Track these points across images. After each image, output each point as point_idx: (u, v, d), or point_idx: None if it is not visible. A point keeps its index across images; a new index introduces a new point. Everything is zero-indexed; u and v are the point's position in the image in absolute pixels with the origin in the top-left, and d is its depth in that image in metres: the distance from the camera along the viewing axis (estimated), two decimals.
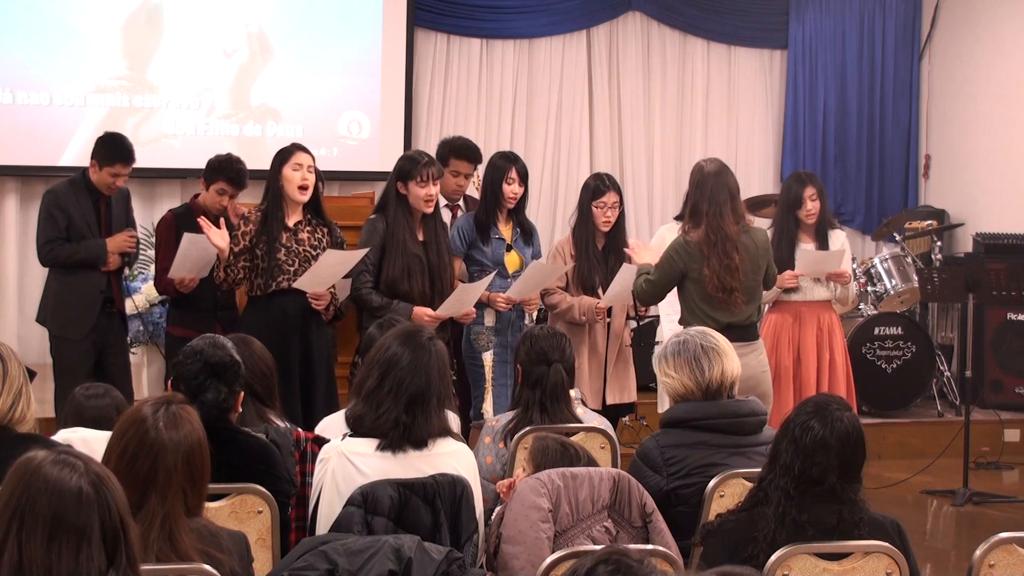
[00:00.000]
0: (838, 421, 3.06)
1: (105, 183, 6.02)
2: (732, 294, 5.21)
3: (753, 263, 5.31)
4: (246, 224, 5.56)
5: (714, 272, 5.19)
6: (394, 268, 5.56)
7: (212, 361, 3.44)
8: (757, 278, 5.37)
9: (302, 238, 5.57)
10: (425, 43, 9.21)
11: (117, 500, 2.13)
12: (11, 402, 3.28)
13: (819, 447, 3.04)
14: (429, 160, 5.62)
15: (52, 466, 2.12)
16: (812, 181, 6.37)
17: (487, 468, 4.10)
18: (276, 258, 5.50)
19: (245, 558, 2.82)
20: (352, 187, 8.55)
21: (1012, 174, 9.11)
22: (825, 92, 9.88)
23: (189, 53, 8.52)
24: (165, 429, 2.68)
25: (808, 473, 3.03)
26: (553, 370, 4.19)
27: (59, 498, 2.09)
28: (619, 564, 1.94)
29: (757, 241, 5.36)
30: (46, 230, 6.06)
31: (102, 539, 2.09)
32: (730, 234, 5.22)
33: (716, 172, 5.29)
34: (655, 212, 9.59)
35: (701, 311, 5.24)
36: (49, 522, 2.07)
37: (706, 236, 5.22)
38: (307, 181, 5.54)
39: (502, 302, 5.84)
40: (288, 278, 5.49)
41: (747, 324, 5.33)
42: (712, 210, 5.23)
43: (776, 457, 3.10)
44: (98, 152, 6.02)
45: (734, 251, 5.21)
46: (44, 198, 6.16)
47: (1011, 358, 8.46)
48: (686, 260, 5.25)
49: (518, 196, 5.98)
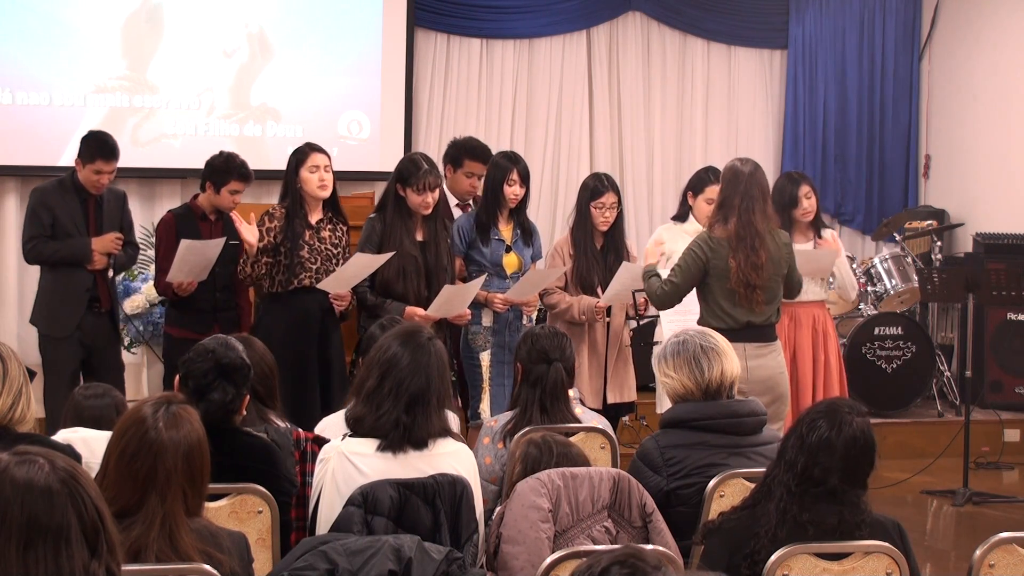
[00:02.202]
0: (847, 425, 3.05)
1: (90, 181, 6.02)
2: (754, 291, 5.19)
3: (776, 265, 5.29)
4: (271, 220, 5.62)
5: (739, 266, 5.17)
6: (388, 269, 5.58)
7: (223, 362, 3.44)
8: (778, 279, 5.35)
9: (324, 236, 5.66)
10: (425, 43, 9.21)
11: (90, 490, 2.02)
12: (11, 402, 3.28)
13: (823, 447, 3.03)
14: (428, 169, 5.62)
15: (17, 468, 1.98)
16: (805, 180, 6.40)
17: (486, 469, 4.10)
18: (299, 255, 5.57)
19: (245, 558, 2.82)
20: (352, 187, 8.54)
21: (1012, 174, 9.11)
22: (825, 92, 9.87)
23: (189, 53, 8.52)
24: (165, 429, 2.68)
25: (810, 472, 3.03)
26: (553, 369, 4.18)
27: (31, 501, 1.96)
28: (635, 568, 1.89)
29: (780, 244, 5.35)
30: (30, 227, 6.10)
31: (82, 533, 1.99)
32: (759, 230, 5.21)
33: (751, 171, 5.29)
34: (655, 212, 9.58)
35: (720, 308, 5.23)
36: (24, 529, 1.95)
37: (736, 231, 5.19)
38: (325, 181, 5.66)
39: (499, 303, 5.84)
40: (310, 275, 5.56)
41: (766, 324, 5.32)
42: (744, 205, 5.21)
43: (783, 453, 3.11)
44: (81, 150, 6.06)
45: (762, 248, 5.21)
46: (31, 196, 6.19)
47: (1011, 358, 8.46)
48: (709, 255, 5.22)
49: (519, 197, 5.97)
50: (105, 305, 6.19)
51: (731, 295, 5.23)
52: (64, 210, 6.04)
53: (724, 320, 5.19)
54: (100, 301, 6.15)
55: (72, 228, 6.05)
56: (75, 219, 6.06)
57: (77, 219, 6.07)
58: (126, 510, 2.61)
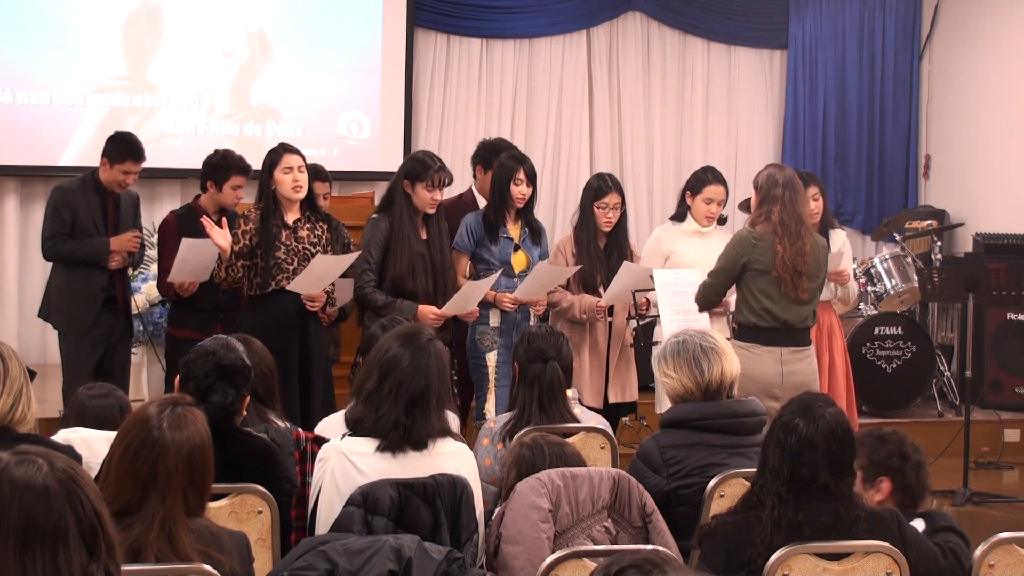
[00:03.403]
0: (821, 418, 3.05)
1: (116, 180, 6.07)
2: (800, 277, 5.14)
3: (817, 259, 5.27)
4: (246, 223, 5.57)
5: (785, 251, 5.12)
6: (399, 266, 5.58)
7: (223, 363, 3.44)
8: (820, 278, 5.33)
9: (301, 236, 5.59)
10: (425, 43, 9.21)
11: (89, 491, 2.01)
12: (11, 402, 3.28)
13: (805, 446, 3.02)
14: (440, 166, 5.63)
15: (16, 467, 1.96)
16: (813, 180, 6.36)
17: (486, 470, 4.09)
18: (276, 256, 5.51)
19: (246, 559, 2.82)
20: (352, 187, 8.55)
21: (1012, 174, 9.11)
22: (825, 92, 9.88)
23: (189, 53, 8.53)
24: (168, 430, 2.68)
25: (798, 474, 3.02)
26: (549, 367, 4.17)
27: (28, 501, 1.94)
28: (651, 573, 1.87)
29: (820, 245, 5.34)
30: (51, 225, 6.12)
31: (80, 535, 1.97)
32: (803, 219, 5.20)
33: (789, 173, 5.28)
34: (655, 212, 9.59)
35: (760, 304, 5.15)
36: (21, 529, 1.93)
37: (781, 218, 5.14)
38: (299, 182, 5.58)
39: (508, 302, 5.84)
40: (287, 276, 5.50)
41: (803, 328, 5.26)
42: (787, 196, 5.17)
43: (765, 462, 3.10)
44: (109, 150, 6.07)
45: (807, 235, 5.19)
46: (52, 194, 6.21)
47: (1011, 358, 8.46)
48: (751, 252, 5.17)
49: (526, 197, 5.96)
50: (121, 303, 6.22)
51: (774, 287, 5.14)
52: (85, 209, 6.08)
53: (764, 318, 5.13)
54: (116, 300, 6.18)
55: (91, 227, 6.09)
56: (95, 218, 6.10)
57: (96, 218, 6.11)
58: (126, 509, 2.61)
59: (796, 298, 5.15)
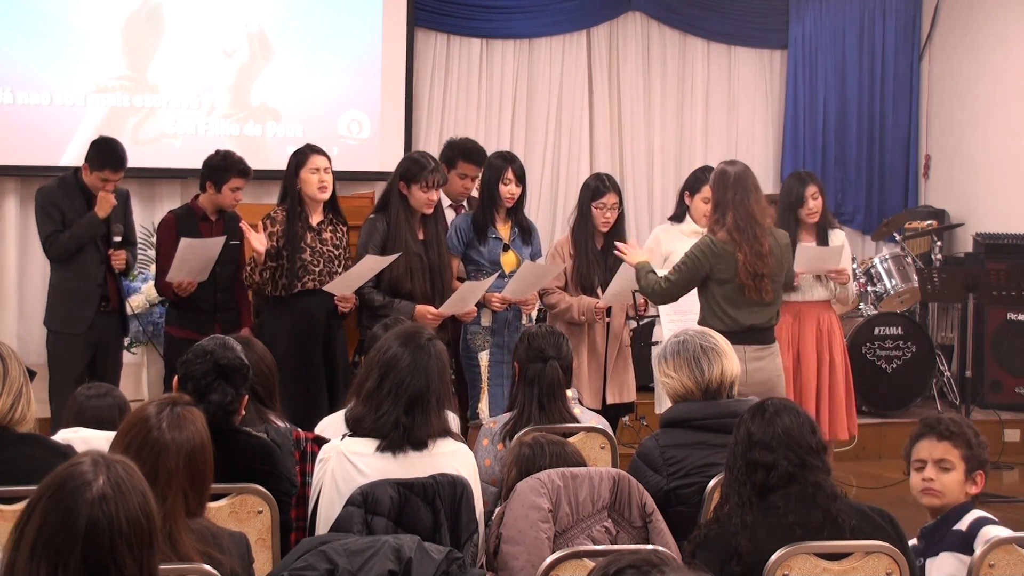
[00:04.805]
0: (770, 413, 3.06)
1: (95, 186, 6.05)
2: (762, 280, 5.21)
3: (778, 259, 5.31)
4: (272, 224, 5.61)
5: (746, 257, 5.18)
6: (397, 267, 5.59)
7: (222, 363, 3.44)
8: (782, 274, 5.38)
9: (325, 237, 5.65)
10: (425, 43, 9.21)
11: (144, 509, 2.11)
12: (11, 402, 3.28)
13: (761, 448, 3.03)
14: (435, 167, 5.65)
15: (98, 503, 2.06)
16: (813, 180, 6.37)
17: (486, 470, 4.09)
18: (302, 258, 5.56)
19: (246, 559, 2.82)
20: (352, 187, 8.54)
21: (1012, 174, 9.11)
22: (825, 92, 9.88)
23: (189, 53, 8.52)
24: (168, 430, 2.68)
25: (755, 476, 3.02)
26: (549, 367, 4.18)
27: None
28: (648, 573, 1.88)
29: (780, 242, 5.37)
30: (44, 225, 6.11)
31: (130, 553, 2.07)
32: (758, 219, 5.23)
33: (739, 170, 5.33)
34: (655, 212, 9.58)
35: (723, 311, 5.24)
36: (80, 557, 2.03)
37: (735, 222, 5.21)
38: (325, 182, 5.65)
39: (497, 302, 5.84)
40: (313, 278, 5.55)
41: (767, 327, 5.34)
42: (738, 197, 5.23)
43: (729, 468, 3.10)
44: (91, 155, 6.06)
45: (764, 236, 5.22)
46: (36, 196, 6.20)
47: (1011, 358, 8.46)
48: (712, 261, 5.23)
49: (515, 196, 5.97)
50: (113, 304, 6.21)
51: (736, 295, 5.23)
52: (71, 209, 6.06)
53: (725, 322, 5.19)
54: (109, 300, 6.17)
55: None
56: (81, 216, 6.08)
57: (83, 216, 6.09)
58: None
59: (760, 300, 5.24)
